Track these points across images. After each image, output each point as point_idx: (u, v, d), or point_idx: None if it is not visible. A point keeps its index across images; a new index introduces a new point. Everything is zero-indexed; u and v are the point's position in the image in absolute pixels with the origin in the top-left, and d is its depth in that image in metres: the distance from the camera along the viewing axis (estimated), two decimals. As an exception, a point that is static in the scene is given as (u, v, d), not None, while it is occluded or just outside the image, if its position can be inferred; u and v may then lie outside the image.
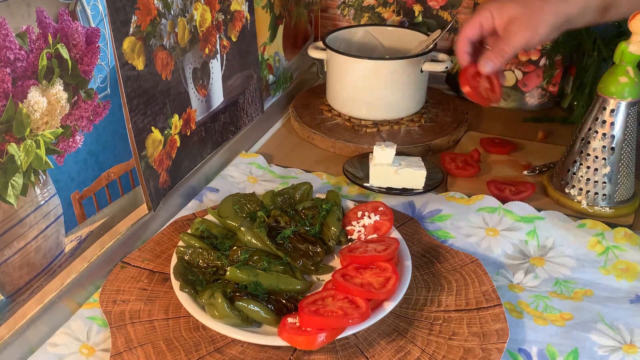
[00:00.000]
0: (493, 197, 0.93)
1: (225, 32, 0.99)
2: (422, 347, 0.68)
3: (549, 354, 0.69)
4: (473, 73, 0.86)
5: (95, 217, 0.77)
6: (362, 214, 0.84)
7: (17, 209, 0.65)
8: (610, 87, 0.86)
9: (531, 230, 0.87)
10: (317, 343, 0.64)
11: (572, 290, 0.79)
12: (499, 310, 0.72)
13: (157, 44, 0.82)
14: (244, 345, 0.69)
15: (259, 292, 0.71)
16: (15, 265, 0.66)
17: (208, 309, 0.69)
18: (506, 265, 0.83)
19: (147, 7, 0.79)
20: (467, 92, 0.86)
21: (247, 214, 0.83)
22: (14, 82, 0.61)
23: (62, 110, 0.68)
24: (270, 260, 0.75)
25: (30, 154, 0.65)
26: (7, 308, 0.66)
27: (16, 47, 0.60)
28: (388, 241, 0.76)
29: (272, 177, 1.02)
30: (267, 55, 1.18)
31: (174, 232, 0.87)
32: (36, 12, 0.62)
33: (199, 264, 0.77)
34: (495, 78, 0.86)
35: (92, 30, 0.70)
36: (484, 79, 0.86)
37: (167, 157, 0.89)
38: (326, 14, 1.43)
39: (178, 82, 0.89)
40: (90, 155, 0.74)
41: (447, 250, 0.83)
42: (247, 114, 1.11)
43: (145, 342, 0.69)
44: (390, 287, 0.69)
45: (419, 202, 0.94)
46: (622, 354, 0.68)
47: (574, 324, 0.72)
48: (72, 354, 0.69)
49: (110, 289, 0.76)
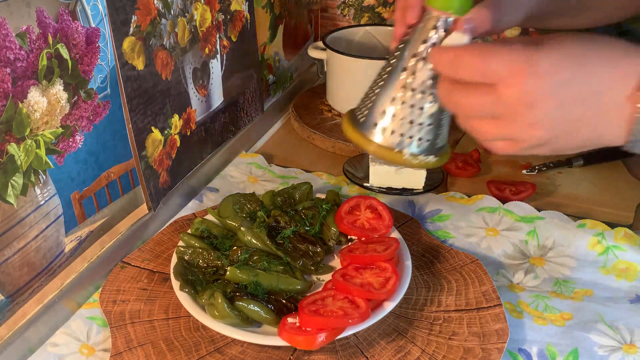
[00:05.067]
0: (493, 197, 0.93)
1: (225, 32, 0.99)
2: (422, 347, 0.68)
3: (549, 354, 0.69)
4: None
5: (95, 217, 0.77)
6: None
7: (17, 209, 0.65)
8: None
9: (531, 230, 0.87)
10: (317, 343, 0.64)
11: (572, 290, 0.78)
12: (499, 310, 0.72)
13: (157, 44, 0.82)
14: (244, 345, 0.69)
15: (259, 292, 0.71)
16: (15, 265, 0.66)
17: (208, 309, 0.69)
18: (506, 265, 0.83)
19: (147, 7, 0.79)
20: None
21: (247, 214, 0.83)
22: (14, 82, 0.61)
23: (62, 110, 0.68)
24: (270, 260, 0.75)
25: (30, 154, 0.65)
26: (7, 308, 0.66)
27: (16, 47, 0.60)
28: (388, 241, 0.76)
29: (272, 177, 1.02)
30: (267, 55, 1.18)
31: (174, 232, 0.86)
32: (36, 12, 0.62)
33: (199, 264, 0.77)
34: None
35: (92, 30, 0.70)
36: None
37: (167, 157, 0.89)
38: (326, 14, 1.43)
39: (178, 82, 0.89)
40: (90, 155, 0.74)
41: (447, 250, 0.83)
42: (247, 114, 1.11)
43: (145, 342, 0.69)
44: (390, 287, 0.69)
45: (419, 202, 0.94)
46: (622, 354, 0.68)
47: (574, 324, 0.72)
48: (72, 354, 0.69)
49: (110, 289, 0.76)
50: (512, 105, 0.53)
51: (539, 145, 0.55)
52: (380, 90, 0.64)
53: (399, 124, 0.63)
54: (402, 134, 0.64)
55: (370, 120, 0.64)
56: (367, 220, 0.81)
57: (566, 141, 0.55)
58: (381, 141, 0.64)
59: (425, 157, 0.65)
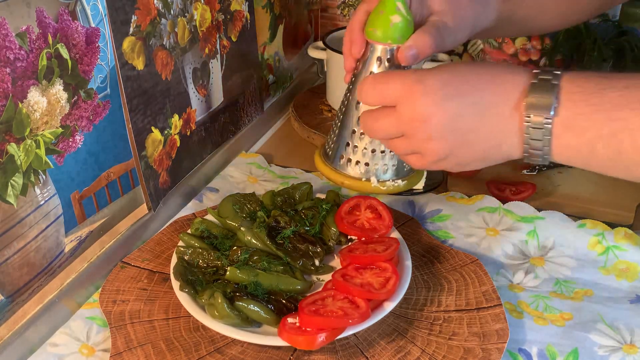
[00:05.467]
0: (493, 197, 0.93)
1: (225, 32, 0.99)
2: (422, 347, 0.68)
3: (549, 354, 0.69)
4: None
5: (95, 217, 0.77)
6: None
7: (17, 209, 0.65)
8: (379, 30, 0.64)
9: (531, 230, 0.87)
10: (317, 343, 0.64)
11: (572, 290, 0.78)
12: (499, 310, 0.71)
13: (157, 44, 0.82)
14: (244, 345, 0.69)
15: (259, 292, 0.71)
16: (15, 265, 0.66)
17: (208, 309, 0.69)
18: (506, 265, 0.83)
19: (147, 7, 0.79)
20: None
21: (247, 214, 0.83)
22: (13, 82, 0.61)
23: (62, 110, 0.68)
24: (270, 260, 0.75)
25: (30, 154, 0.65)
26: (7, 308, 0.66)
27: (16, 47, 0.60)
28: (388, 241, 0.76)
29: (272, 177, 1.02)
30: (267, 55, 1.18)
31: (174, 232, 0.86)
32: (36, 12, 0.62)
33: (199, 264, 0.77)
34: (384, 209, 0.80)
35: (92, 30, 0.70)
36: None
37: (167, 157, 0.89)
38: (326, 14, 1.43)
39: (178, 82, 0.89)
40: (90, 155, 0.74)
41: (447, 250, 0.82)
42: (247, 114, 1.11)
43: (145, 342, 0.69)
44: (390, 287, 0.69)
45: (419, 202, 0.94)
46: (622, 354, 0.68)
47: (574, 324, 0.72)
48: (72, 354, 0.69)
49: (110, 289, 0.76)
50: (410, 121, 0.57)
51: (442, 158, 0.59)
52: (341, 124, 0.69)
53: (362, 154, 0.68)
54: (366, 164, 0.69)
55: (337, 153, 0.70)
56: (367, 220, 0.81)
57: (466, 153, 0.58)
58: (349, 172, 0.69)
59: (394, 182, 0.70)
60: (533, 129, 0.54)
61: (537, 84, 0.54)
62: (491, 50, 1.16)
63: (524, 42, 1.13)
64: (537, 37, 1.13)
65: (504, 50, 1.15)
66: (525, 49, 1.14)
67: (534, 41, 1.13)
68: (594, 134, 0.52)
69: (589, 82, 0.53)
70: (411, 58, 0.63)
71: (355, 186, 0.70)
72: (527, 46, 1.14)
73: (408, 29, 0.63)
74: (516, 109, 0.54)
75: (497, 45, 1.15)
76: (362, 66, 0.66)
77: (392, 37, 0.63)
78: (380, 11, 0.63)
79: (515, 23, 0.75)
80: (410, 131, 0.58)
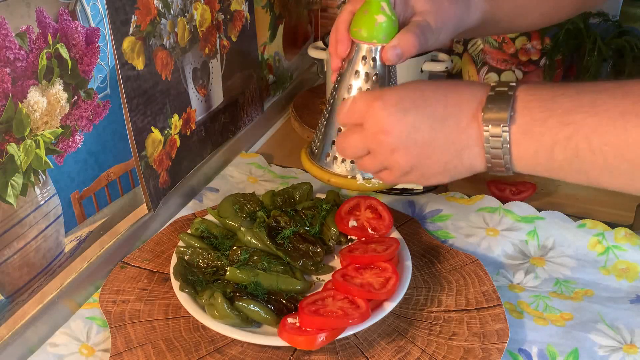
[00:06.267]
0: (493, 197, 0.93)
1: (225, 32, 0.99)
2: (422, 347, 0.68)
3: (549, 354, 0.69)
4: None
5: (95, 217, 0.77)
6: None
7: (17, 209, 0.65)
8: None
9: (531, 231, 0.87)
10: (317, 343, 0.64)
11: (572, 291, 0.78)
12: (499, 311, 0.71)
13: (157, 44, 0.82)
14: (244, 345, 0.69)
15: (259, 292, 0.71)
16: (15, 265, 0.66)
17: (208, 309, 0.69)
18: (506, 265, 0.83)
19: (147, 7, 0.79)
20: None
21: (247, 214, 0.83)
22: (13, 82, 0.61)
23: (61, 110, 0.68)
24: (270, 260, 0.75)
25: (30, 154, 0.65)
26: (7, 308, 0.66)
27: (16, 47, 0.60)
28: (388, 241, 0.76)
29: (272, 177, 1.02)
30: (267, 55, 1.18)
31: (173, 232, 0.86)
32: (36, 12, 0.62)
33: (199, 264, 0.77)
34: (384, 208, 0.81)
35: (92, 30, 0.70)
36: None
37: (167, 157, 0.89)
38: (326, 14, 1.43)
39: (178, 82, 0.89)
40: (90, 155, 0.74)
41: (447, 251, 0.82)
42: (247, 114, 1.11)
43: (145, 342, 0.69)
44: (390, 287, 0.69)
45: (419, 202, 0.94)
46: (622, 354, 0.68)
47: (574, 324, 0.72)
48: (72, 354, 0.69)
49: (110, 289, 0.76)
50: (374, 136, 0.59)
51: (408, 171, 0.60)
52: (327, 122, 0.70)
53: None
54: (352, 161, 0.69)
55: (324, 151, 0.70)
56: (367, 220, 0.81)
57: (429, 165, 0.59)
58: (335, 170, 0.70)
59: (378, 180, 0.68)
60: (492, 138, 0.55)
61: (494, 96, 0.55)
62: (491, 50, 1.16)
63: (524, 42, 1.13)
64: (537, 37, 1.12)
65: (504, 50, 1.15)
66: (525, 49, 1.14)
67: (534, 41, 1.13)
68: (550, 138, 0.53)
69: (543, 91, 0.55)
70: (395, 57, 0.64)
71: (341, 184, 0.70)
72: (527, 46, 1.14)
73: (392, 29, 0.64)
74: (474, 119, 0.56)
75: (497, 45, 1.15)
76: (348, 65, 0.67)
77: (377, 36, 0.64)
78: (365, 11, 0.64)
79: (500, 22, 0.75)
80: (375, 146, 0.60)
